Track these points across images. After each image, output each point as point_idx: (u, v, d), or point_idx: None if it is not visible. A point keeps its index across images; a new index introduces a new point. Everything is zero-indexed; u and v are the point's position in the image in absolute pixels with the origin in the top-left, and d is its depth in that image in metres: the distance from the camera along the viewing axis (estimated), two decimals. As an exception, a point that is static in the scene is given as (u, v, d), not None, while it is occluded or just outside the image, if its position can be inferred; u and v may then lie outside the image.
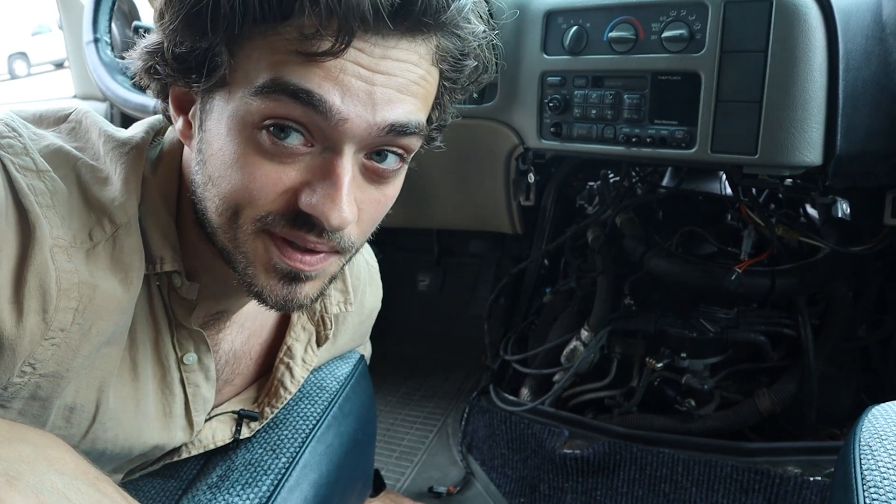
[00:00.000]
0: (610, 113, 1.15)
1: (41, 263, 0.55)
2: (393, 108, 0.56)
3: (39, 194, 0.56)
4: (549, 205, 1.72)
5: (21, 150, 0.57)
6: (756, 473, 1.23)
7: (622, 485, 1.32)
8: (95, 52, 1.22)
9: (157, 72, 0.61)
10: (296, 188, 0.57)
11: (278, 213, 0.58)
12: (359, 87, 0.54)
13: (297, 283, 0.62)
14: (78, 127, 0.65)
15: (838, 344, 1.38)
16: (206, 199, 0.61)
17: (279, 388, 0.85)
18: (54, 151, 0.60)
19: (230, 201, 0.58)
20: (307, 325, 0.87)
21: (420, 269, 2.11)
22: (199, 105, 0.60)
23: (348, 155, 0.57)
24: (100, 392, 0.65)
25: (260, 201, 0.57)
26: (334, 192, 0.56)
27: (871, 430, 0.74)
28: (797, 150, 1.02)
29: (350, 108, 0.54)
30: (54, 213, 0.56)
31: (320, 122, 0.55)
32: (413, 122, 0.58)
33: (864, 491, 0.66)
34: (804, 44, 0.98)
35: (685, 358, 1.39)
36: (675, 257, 1.37)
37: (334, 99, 0.54)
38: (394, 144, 0.59)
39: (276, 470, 0.79)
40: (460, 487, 1.44)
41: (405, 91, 0.57)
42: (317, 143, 0.57)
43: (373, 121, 0.56)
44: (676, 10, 1.06)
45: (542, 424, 1.43)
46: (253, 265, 0.61)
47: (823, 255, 1.33)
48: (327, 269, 0.63)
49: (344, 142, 0.56)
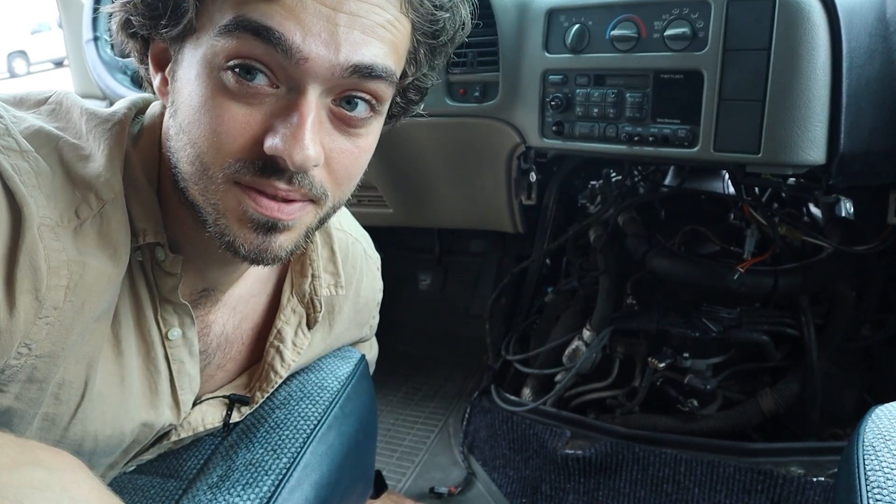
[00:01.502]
0: (612, 111, 1.15)
1: (31, 242, 0.55)
2: (356, 48, 0.56)
3: (24, 174, 0.56)
4: (550, 204, 1.71)
5: (3, 132, 0.57)
6: (759, 474, 1.23)
7: (624, 485, 1.32)
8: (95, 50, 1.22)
9: (131, 24, 0.61)
10: (262, 133, 0.57)
11: (247, 160, 0.57)
12: (320, 26, 0.54)
13: (272, 232, 0.61)
14: (58, 108, 0.65)
15: (841, 344, 1.37)
16: (178, 149, 0.60)
17: (269, 372, 0.85)
18: (35, 132, 0.60)
19: (199, 147, 0.58)
20: (297, 307, 0.85)
21: (421, 268, 2.11)
22: (173, 58, 0.61)
23: (312, 95, 0.57)
24: (88, 368, 0.65)
25: (227, 146, 0.57)
26: (298, 132, 0.56)
27: (874, 430, 0.74)
28: (800, 149, 1.01)
29: (311, 47, 0.54)
30: (39, 193, 0.56)
31: (282, 61, 0.55)
32: (379, 65, 0.58)
33: (867, 492, 0.66)
34: (807, 42, 0.98)
35: (688, 358, 1.39)
36: (677, 257, 1.37)
37: (294, 37, 0.54)
38: (361, 89, 0.59)
39: (277, 470, 0.79)
40: (462, 488, 1.44)
41: (370, 33, 0.57)
42: (281, 85, 0.57)
43: (335, 61, 0.55)
44: (679, 8, 1.05)
45: (543, 424, 1.43)
46: (224, 216, 0.60)
47: (827, 255, 1.32)
48: (303, 219, 0.63)
49: (307, 82, 0.56)
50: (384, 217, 1.72)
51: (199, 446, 0.85)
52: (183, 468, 0.83)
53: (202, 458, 0.84)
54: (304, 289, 0.85)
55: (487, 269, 2.01)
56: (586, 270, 1.64)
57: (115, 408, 0.70)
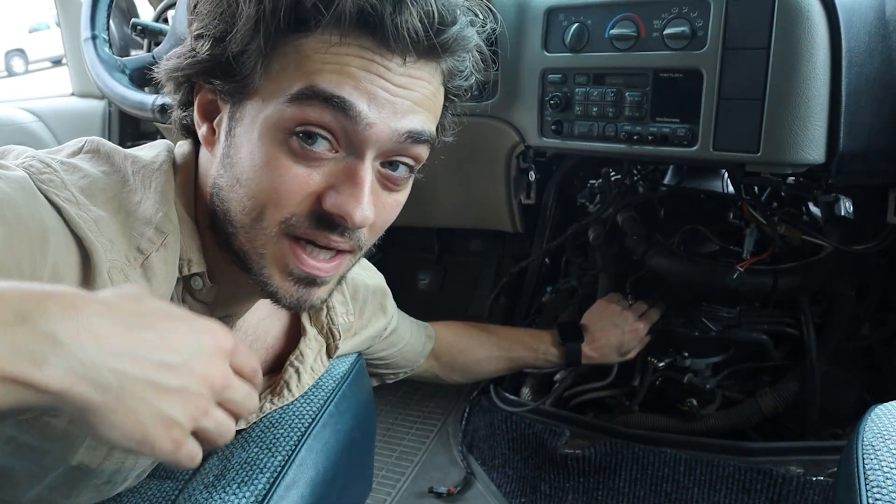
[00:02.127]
0: (611, 110, 1.14)
1: (102, 286, 0.57)
2: (411, 117, 0.63)
3: (87, 223, 0.59)
4: (549, 203, 1.71)
5: (61, 185, 0.60)
6: (758, 473, 1.23)
7: (624, 485, 1.32)
8: (93, 49, 1.22)
9: (186, 78, 0.67)
10: (320, 191, 0.62)
11: (302, 215, 0.63)
12: (383, 96, 0.61)
13: (311, 286, 0.67)
14: (96, 154, 0.68)
15: (841, 343, 1.37)
16: (232, 199, 0.65)
17: (284, 389, 0.88)
18: (90, 182, 0.63)
19: (258, 200, 0.63)
20: (317, 336, 0.91)
21: (420, 267, 2.10)
22: (229, 113, 0.65)
23: (369, 160, 0.63)
24: None
25: (286, 201, 0.62)
26: (358, 193, 0.62)
27: (874, 429, 0.74)
28: (800, 148, 1.01)
29: (376, 114, 0.61)
30: (104, 239, 0.60)
31: (348, 127, 0.61)
32: (427, 131, 0.65)
33: (867, 491, 0.66)
34: (807, 41, 0.97)
35: (687, 357, 1.39)
36: (676, 256, 1.36)
37: (363, 105, 0.60)
38: (407, 154, 0.66)
39: (272, 468, 0.79)
40: (461, 487, 1.44)
41: (420, 104, 0.64)
42: (341, 150, 0.62)
43: (395, 126, 0.62)
44: (678, 7, 1.05)
45: (543, 424, 1.42)
46: (269, 266, 0.66)
47: (826, 254, 1.32)
48: (340, 271, 0.69)
49: (367, 147, 0.62)
50: (383, 216, 1.71)
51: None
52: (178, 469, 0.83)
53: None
54: (322, 321, 0.91)
55: (486, 269, 2.01)
56: (585, 270, 1.63)
57: None
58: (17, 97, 2.31)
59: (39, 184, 0.58)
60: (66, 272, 0.56)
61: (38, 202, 0.57)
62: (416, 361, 1.24)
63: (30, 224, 0.54)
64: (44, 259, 0.54)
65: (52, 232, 0.56)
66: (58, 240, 0.56)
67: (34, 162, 0.61)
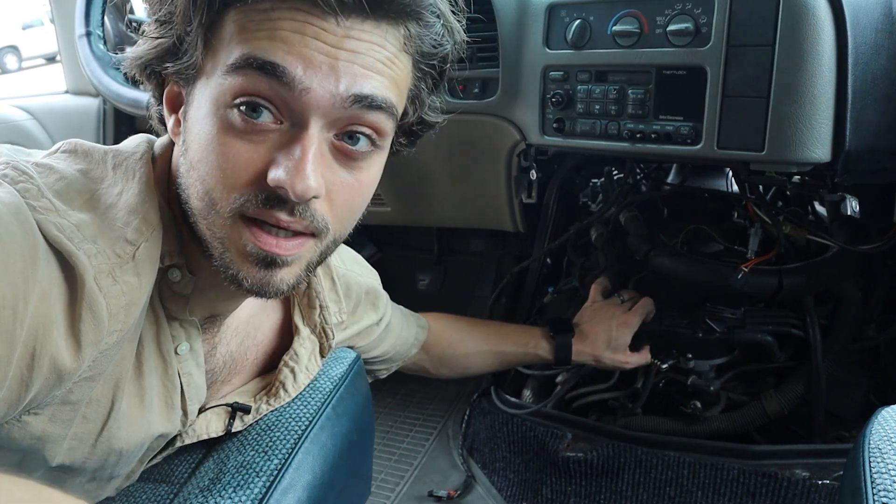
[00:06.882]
0: (614, 108, 1.13)
1: (90, 296, 0.56)
2: (356, 80, 0.59)
3: (67, 231, 0.57)
4: (551, 202, 1.70)
5: (37, 193, 0.58)
6: (763, 476, 1.22)
7: (626, 488, 1.31)
8: (88, 45, 1.21)
9: (147, 67, 0.66)
10: (265, 167, 0.60)
11: (251, 194, 0.60)
12: (321, 59, 0.58)
13: (273, 267, 0.64)
14: (73, 153, 0.66)
15: (847, 344, 1.36)
16: (189, 185, 0.63)
17: (280, 389, 0.87)
18: (67, 184, 0.62)
19: (206, 184, 0.61)
20: (311, 336, 0.90)
21: (420, 267, 2.09)
22: (185, 98, 0.64)
23: (314, 129, 0.60)
24: (115, 388, 0.67)
25: (233, 181, 0.60)
26: (298, 162, 0.59)
27: (880, 432, 0.73)
28: (805, 147, 1.00)
29: (312, 79, 0.58)
30: (86, 243, 0.58)
31: (285, 95, 0.58)
32: (379, 96, 0.61)
33: (873, 494, 0.66)
34: (812, 38, 0.96)
35: (691, 358, 1.37)
36: (680, 256, 1.35)
37: (297, 70, 0.57)
38: (362, 122, 0.62)
39: (269, 471, 0.79)
40: (461, 491, 1.42)
41: (370, 68, 0.60)
42: (285, 121, 0.60)
43: (335, 91, 0.58)
44: (682, 4, 1.04)
45: (544, 427, 1.41)
46: (229, 251, 0.63)
47: (832, 254, 1.31)
48: (303, 254, 0.65)
49: (309, 115, 0.59)
50: (382, 216, 1.71)
51: (191, 450, 0.85)
52: (174, 472, 0.83)
53: (193, 461, 0.83)
54: (315, 320, 0.90)
55: (487, 269, 2.00)
56: (587, 270, 1.62)
57: (137, 424, 0.71)
58: (11, 95, 2.30)
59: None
60: (52, 288, 0.55)
61: (26, 220, 0.56)
62: (408, 352, 1.24)
63: (22, 244, 0.53)
64: (34, 278, 0.53)
65: (40, 248, 0.55)
66: (45, 257, 0.55)
67: (8, 171, 0.59)
